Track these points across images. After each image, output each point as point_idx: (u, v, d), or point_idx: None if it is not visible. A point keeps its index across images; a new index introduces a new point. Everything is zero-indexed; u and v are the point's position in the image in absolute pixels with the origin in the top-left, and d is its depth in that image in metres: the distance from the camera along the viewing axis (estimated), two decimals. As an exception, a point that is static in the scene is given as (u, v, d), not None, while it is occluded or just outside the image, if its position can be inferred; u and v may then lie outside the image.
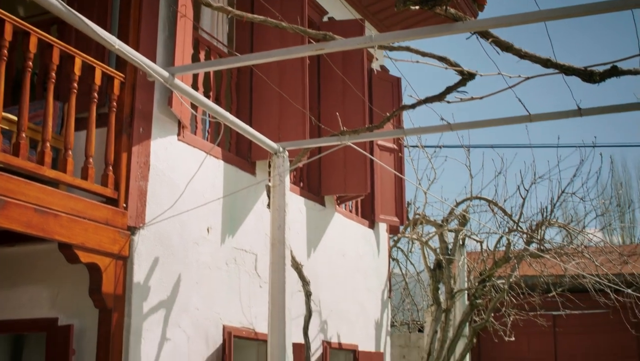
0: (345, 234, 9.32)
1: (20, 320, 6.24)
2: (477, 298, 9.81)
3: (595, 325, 13.32)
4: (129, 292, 5.83)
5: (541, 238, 9.58)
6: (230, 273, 7.06)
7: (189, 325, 6.41)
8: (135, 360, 5.77)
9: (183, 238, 6.44)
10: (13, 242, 6.19)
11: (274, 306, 6.19)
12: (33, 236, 5.15)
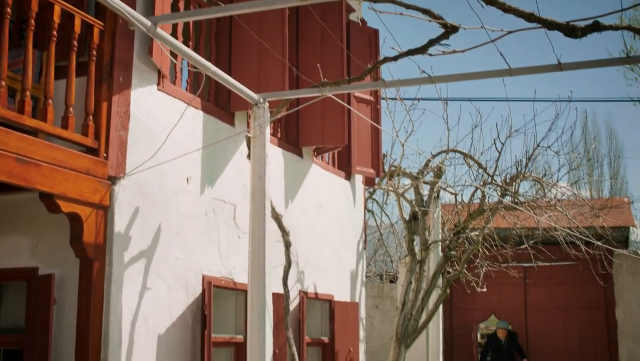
0: (322, 185, 9.37)
1: (0, 269, 6.25)
2: (451, 250, 9.93)
3: (564, 277, 13.56)
4: (110, 242, 5.85)
5: (515, 191, 9.70)
6: (210, 223, 7.09)
7: (169, 275, 6.45)
8: (116, 309, 5.81)
9: (163, 188, 6.45)
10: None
11: (254, 256, 6.24)
12: (14, 185, 5.14)
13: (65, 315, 5.90)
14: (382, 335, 15.31)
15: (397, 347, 9.66)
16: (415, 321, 9.74)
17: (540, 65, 5.64)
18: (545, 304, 13.61)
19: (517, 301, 14.14)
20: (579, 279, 13.48)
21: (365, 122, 9.71)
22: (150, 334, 6.15)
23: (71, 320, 5.84)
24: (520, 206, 9.58)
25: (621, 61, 5.57)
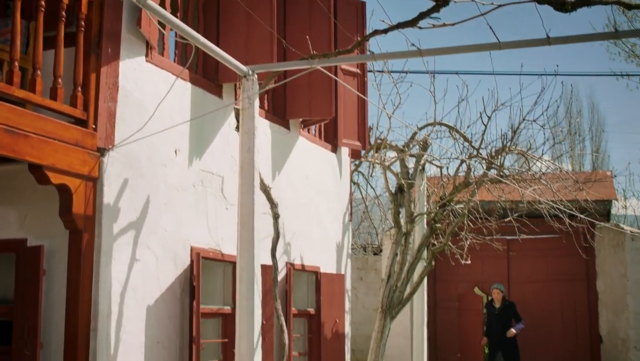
0: (309, 158, 9.40)
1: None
2: (436, 222, 10.01)
3: (547, 249, 13.70)
4: (99, 213, 5.85)
5: (501, 164, 9.76)
6: (198, 195, 7.11)
7: (158, 246, 6.48)
8: (105, 280, 5.84)
9: (151, 160, 6.45)
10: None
11: (243, 228, 6.27)
12: (3, 157, 5.12)
13: (54, 286, 5.92)
14: (366, 306, 15.44)
15: (382, 318, 9.76)
16: (401, 292, 9.83)
17: (529, 39, 5.66)
18: (528, 276, 13.74)
19: (500, 273, 14.26)
20: (562, 251, 13.62)
21: (351, 95, 9.72)
22: (139, 305, 6.19)
23: (61, 291, 5.86)
24: (506, 179, 9.64)
25: (609, 36, 5.61)
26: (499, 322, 13.15)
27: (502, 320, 13.11)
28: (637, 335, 12.88)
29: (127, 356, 5.99)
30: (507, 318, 13.12)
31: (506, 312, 13.16)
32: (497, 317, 13.18)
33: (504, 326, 13.05)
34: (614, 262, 13.39)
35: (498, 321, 13.16)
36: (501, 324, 13.11)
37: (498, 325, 13.13)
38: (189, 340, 6.71)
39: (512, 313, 13.14)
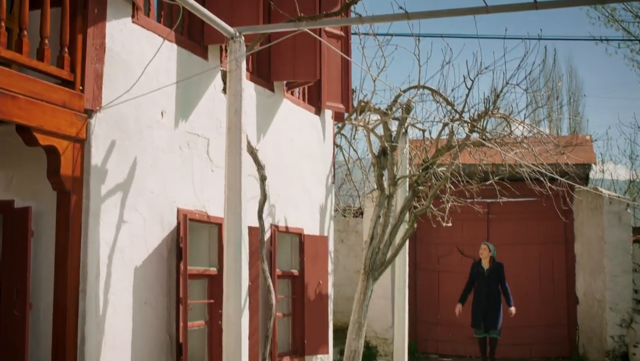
0: (293, 120, 9.41)
1: (-25, 201, 6.24)
2: (419, 185, 10.08)
3: (527, 213, 13.82)
4: (87, 175, 5.86)
5: (483, 128, 9.82)
6: (184, 157, 7.12)
7: (145, 208, 6.50)
8: (94, 242, 5.86)
9: (138, 122, 6.45)
10: (-37, 124, 6.12)
11: (230, 190, 6.29)
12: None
13: (42, 248, 5.95)
14: (347, 268, 15.58)
15: (365, 280, 9.85)
16: (383, 254, 9.92)
17: (516, 3, 5.68)
18: (507, 239, 13.85)
19: (480, 235, 14.36)
20: (541, 215, 13.76)
21: (335, 57, 9.71)
22: (127, 266, 6.22)
23: (49, 253, 5.89)
24: (488, 142, 9.71)
25: (597, 0, 5.62)
26: (487, 285, 12.20)
27: (490, 283, 12.17)
28: (612, 297, 13.12)
29: (116, 316, 6.04)
30: (495, 281, 12.16)
31: (496, 274, 12.19)
32: (486, 279, 12.19)
33: (491, 289, 12.12)
34: (592, 225, 13.57)
35: (486, 284, 12.20)
36: (489, 287, 12.17)
37: (485, 288, 12.18)
38: (175, 300, 6.77)
39: (500, 275, 12.16)
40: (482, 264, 12.33)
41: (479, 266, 12.36)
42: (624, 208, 13.34)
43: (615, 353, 13.06)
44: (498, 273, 12.17)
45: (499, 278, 12.14)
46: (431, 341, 14.46)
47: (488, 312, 12.01)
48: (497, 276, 12.15)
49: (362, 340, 9.76)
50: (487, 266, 12.28)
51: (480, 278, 12.26)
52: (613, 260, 13.17)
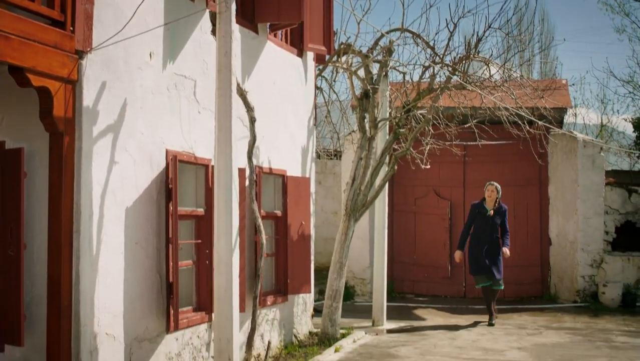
0: (276, 62, 9.42)
1: (-36, 142, 6.24)
2: (400, 128, 10.21)
3: (502, 155, 13.99)
4: (79, 116, 5.88)
5: (464, 71, 9.92)
6: (172, 99, 7.14)
7: (135, 149, 6.54)
8: (86, 182, 5.91)
9: (128, 63, 6.45)
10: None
11: (220, 132, 6.37)
12: (-16, 58, 5.08)
13: (35, 189, 5.99)
14: (325, 209, 15.76)
15: (346, 220, 10.05)
16: (364, 196, 10.10)
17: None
18: (483, 181, 13.87)
19: (457, 178, 14.58)
20: (516, 158, 13.95)
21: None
22: (118, 207, 6.29)
23: (41, 194, 5.94)
24: (469, 85, 9.81)
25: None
26: (490, 227, 11.62)
27: (493, 225, 11.61)
28: (584, 238, 13.44)
29: (108, 256, 6.13)
30: (497, 224, 11.62)
31: (499, 216, 11.62)
32: (489, 222, 11.60)
33: (494, 233, 11.58)
34: (566, 168, 13.82)
35: (489, 226, 11.62)
36: (492, 230, 11.62)
37: (488, 230, 11.60)
38: (165, 240, 6.86)
39: (503, 219, 11.63)
40: (484, 205, 11.73)
41: (481, 207, 11.73)
42: (597, 152, 13.59)
43: (586, 293, 13.44)
44: (502, 216, 11.62)
45: (502, 220, 11.62)
46: (407, 281, 14.74)
47: (490, 258, 11.46)
48: (500, 218, 11.61)
49: (344, 279, 10.01)
50: (490, 207, 11.65)
51: (482, 220, 11.62)
52: (586, 203, 13.46)
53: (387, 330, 10.90)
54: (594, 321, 11.83)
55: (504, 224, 11.63)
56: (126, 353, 6.32)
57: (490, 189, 11.66)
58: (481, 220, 11.64)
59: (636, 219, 13.93)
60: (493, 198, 11.62)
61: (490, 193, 11.63)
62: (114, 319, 6.18)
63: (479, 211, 11.69)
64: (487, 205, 11.69)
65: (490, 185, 11.71)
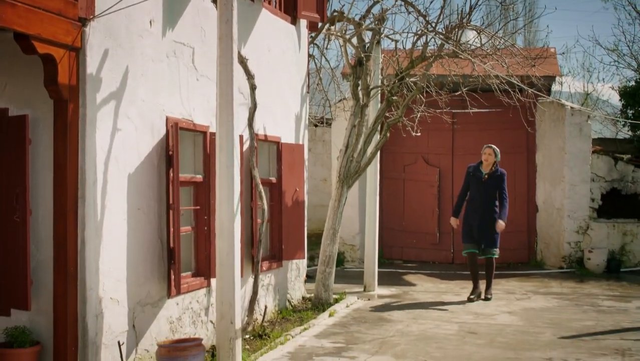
0: (271, 30, 9.45)
1: (-33, 109, 6.27)
2: (393, 95, 10.29)
3: (491, 123, 14.11)
4: (83, 83, 5.92)
5: (457, 39, 9.98)
6: (171, 66, 7.18)
7: (136, 116, 6.59)
8: (90, 149, 5.96)
9: (129, 30, 6.47)
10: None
11: (222, 99, 6.44)
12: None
13: (39, 156, 6.05)
14: (314, 176, 15.84)
15: (339, 187, 10.17)
16: (357, 163, 10.21)
17: None
18: (471, 149, 14.07)
19: (445, 145, 14.71)
20: (504, 125, 14.08)
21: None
22: (121, 173, 6.35)
23: (45, 160, 6.00)
24: (463, 53, 9.89)
25: None
26: (485, 191, 10.84)
27: (488, 190, 10.82)
28: (571, 205, 13.65)
29: (112, 222, 6.21)
30: (493, 189, 10.80)
31: (495, 181, 10.81)
32: (483, 185, 10.82)
33: (489, 198, 10.79)
34: (553, 136, 13.98)
35: (483, 190, 10.84)
36: (487, 194, 10.83)
37: (482, 195, 10.83)
38: (166, 206, 6.95)
39: (500, 185, 10.80)
40: (480, 167, 10.93)
41: (477, 170, 10.94)
42: (584, 120, 13.75)
43: (571, 258, 13.68)
44: (498, 181, 10.80)
45: (499, 186, 10.79)
46: (396, 247, 14.92)
47: (484, 225, 10.72)
48: (496, 183, 10.78)
49: (337, 245, 10.15)
50: (487, 170, 10.86)
51: (476, 184, 10.86)
52: (573, 170, 13.65)
53: (378, 295, 11.08)
54: (580, 286, 12.07)
55: (502, 190, 10.80)
56: (130, 317, 6.43)
57: (487, 152, 10.87)
58: (475, 184, 10.89)
59: (621, 186, 14.16)
60: (490, 161, 10.83)
61: (487, 156, 10.84)
62: (117, 284, 6.28)
63: (473, 174, 10.93)
64: (483, 169, 10.91)
65: (487, 148, 10.92)
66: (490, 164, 10.87)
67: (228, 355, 6.38)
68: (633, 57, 20.01)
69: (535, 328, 8.83)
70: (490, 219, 10.71)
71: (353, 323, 9.03)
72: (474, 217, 10.80)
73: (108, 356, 6.12)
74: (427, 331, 8.55)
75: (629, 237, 13.73)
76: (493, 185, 10.79)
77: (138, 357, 6.54)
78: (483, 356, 7.44)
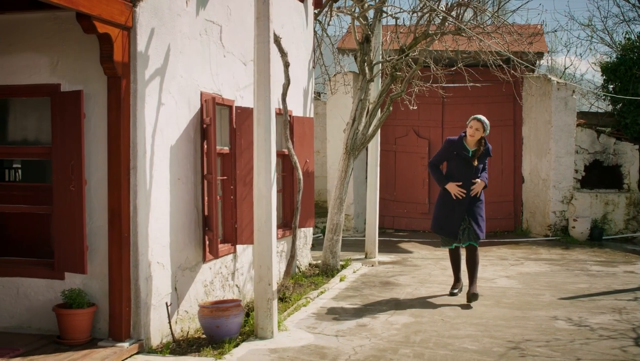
0: (285, 7, 9.82)
1: (18, 85, 6.60)
2: (396, 71, 10.74)
3: (480, 97, 14.61)
4: (134, 60, 6.28)
5: (460, 18, 10.44)
6: (203, 44, 7.55)
7: (176, 91, 6.97)
8: (140, 122, 6.34)
9: (171, 10, 6.83)
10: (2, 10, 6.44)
11: (260, 75, 6.84)
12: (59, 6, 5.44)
13: (91, 129, 6.42)
14: (308, 148, 16.22)
15: (346, 159, 10.62)
16: (363, 135, 10.67)
17: None
18: (461, 122, 14.44)
19: (435, 118, 15.23)
20: (492, 99, 14.64)
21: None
22: (165, 145, 6.74)
23: (97, 133, 6.38)
24: (463, 32, 10.36)
25: None
26: (471, 172, 8.73)
27: (476, 173, 8.75)
28: (556, 176, 14.27)
29: (158, 191, 6.61)
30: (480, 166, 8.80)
31: (483, 159, 8.83)
32: (472, 168, 8.71)
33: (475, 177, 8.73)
34: (540, 110, 14.55)
35: (470, 170, 8.72)
36: (474, 176, 8.73)
37: (469, 175, 8.71)
38: (201, 176, 7.36)
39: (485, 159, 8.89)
40: (465, 143, 8.75)
41: (461, 147, 8.75)
42: (570, 94, 14.33)
43: (556, 227, 14.33)
44: (484, 157, 8.83)
45: (484, 162, 8.88)
46: (388, 217, 15.45)
47: (470, 212, 8.73)
48: (482, 159, 8.82)
49: (343, 214, 10.62)
50: (473, 147, 8.76)
51: (461, 164, 8.74)
52: (558, 143, 14.25)
53: (379, 261, 11.60)
54: (567, 253, 12.71)
55: (485, 165, 8.91)
56: (172, 280, 6.86)
57: (474, 126, 8.67)
58: (460, 164, 8.74)
59: (603, 158, 14.79)
60: (477, 137, 8.68)
61: (474, 131, 8.66)
62: (162, 249, 6.69)
63: (457, 152, 8.72)
64: (469, 145, 8.73)
65: (474, 121, 8.73)
66: (477, 139, 8.72)
67: (266, 314, 6.84)
68: (607, 32, 20.66)
69: (534, 290, 9.42)
70: (478, 205, 8.77)
71: (364, 287, 9.54)
72: (459, 204, 8.69)
73: (156, 316, 6.55)
74: (435, 294, 9.09)
75: (610, 206, 14.40)
76: (480, 163, 8.78)
77: (179, 318, 6.98)
78: (493, 315, 7.99)
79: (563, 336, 7.11)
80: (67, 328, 6.25)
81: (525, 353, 6.48)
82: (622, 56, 15.16)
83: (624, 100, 14.76)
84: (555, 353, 6.49)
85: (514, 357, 6.35)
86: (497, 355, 6.40)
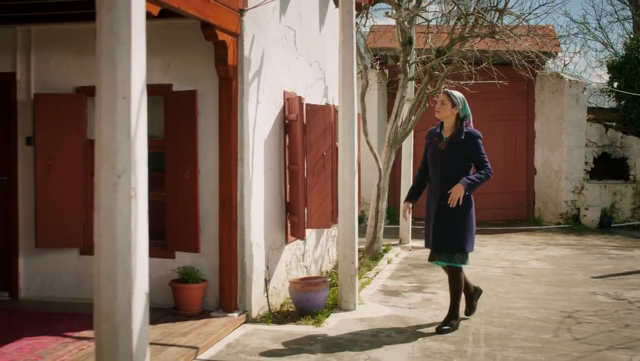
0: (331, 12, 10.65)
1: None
2: (434, 70, 11.62)
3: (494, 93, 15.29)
4: (241, 64, 7.11)
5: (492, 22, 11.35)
6: (283, 47, 8.38)
7: (267, 91, 7.80)
8: (246, 119, 7.17)
9: (265, 18, 7.66)
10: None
11: (345, 77, 7.71)
12: (192, 17, 6.24)
13: (202, 124, 7.24)
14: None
15: (388, 151, 11.50)
16: (403, 129, 11.56)
17: None
18: (477, 116, 15.38)
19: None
20: (507, 95, 15.56)
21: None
22: (260, 139, 7.57)
23: (208, 128, 7.21)
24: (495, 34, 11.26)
25: None
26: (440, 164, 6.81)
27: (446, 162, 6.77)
28: (568, 167, 15.26)
29: (257, 179, 7.43)
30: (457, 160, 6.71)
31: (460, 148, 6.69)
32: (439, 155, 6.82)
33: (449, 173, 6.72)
34: (552, 105, 15.52)
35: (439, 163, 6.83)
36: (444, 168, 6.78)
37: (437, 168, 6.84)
38: (284, 167, 8.21)
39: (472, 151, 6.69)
40: (441, 131, 6.93)
41: (437, 133, 6.96)
42: (581, 91, 15.31)
43: (568, 215, 15.32)
44: (465, 147, 6.72)
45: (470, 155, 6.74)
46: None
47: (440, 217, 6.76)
48: (462, 151, 6.73)
49: (385, 202, 11.48)
50: (447, 133, 6.88)
51: (432, 155, 6.96)
52: (570, 136, 15.23)
53: (412, 246, 12.50)
54: (583, 239, 13.70)
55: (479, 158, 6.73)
56: (266, 259, 7.70)
57: (440, 99, 6.98)
58: (432, 155, 6.96)
59: (611, 151, 15.79)
60: (443, 113, 6.85)
61: (440, 105, 6.93)
62: (259, 231, 7.52)
63: (431, 140, 7.00)
64: (445, 130, 6.93)
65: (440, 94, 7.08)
66: (448, 118, 6.87)
67: (349, 288, 7.71)
68: (601, 30, 21.70)
69: (566, 270, 10.37)
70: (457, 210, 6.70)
71: (412, 268, 10.43)
72: (431, 205, 6.92)
73: (255, 290, 7.39)
74: (479, 274, 10.00)
75: (618, 196, 15.42)
76: (456, 155, 6.75)
77: (270, 293, 7.82)
78: (539, 291, 8.91)
79: (606, 307, 8.04)
80: (182, 301, 7.08)
81: (580, 320, 7.40)
82: (627, 55, 16.17)
83: (628, 96, 15.77)
84: (606, 320, 7.41)
85: (571, 323, 7.26)
86: (556, 322, 7.31)
